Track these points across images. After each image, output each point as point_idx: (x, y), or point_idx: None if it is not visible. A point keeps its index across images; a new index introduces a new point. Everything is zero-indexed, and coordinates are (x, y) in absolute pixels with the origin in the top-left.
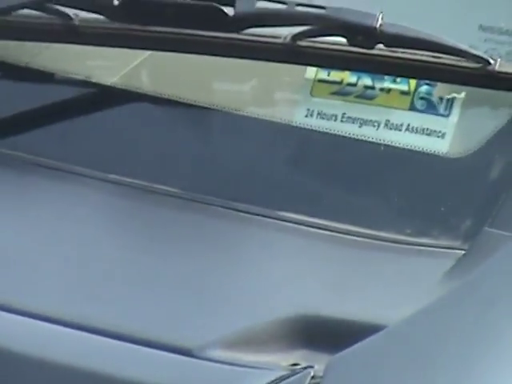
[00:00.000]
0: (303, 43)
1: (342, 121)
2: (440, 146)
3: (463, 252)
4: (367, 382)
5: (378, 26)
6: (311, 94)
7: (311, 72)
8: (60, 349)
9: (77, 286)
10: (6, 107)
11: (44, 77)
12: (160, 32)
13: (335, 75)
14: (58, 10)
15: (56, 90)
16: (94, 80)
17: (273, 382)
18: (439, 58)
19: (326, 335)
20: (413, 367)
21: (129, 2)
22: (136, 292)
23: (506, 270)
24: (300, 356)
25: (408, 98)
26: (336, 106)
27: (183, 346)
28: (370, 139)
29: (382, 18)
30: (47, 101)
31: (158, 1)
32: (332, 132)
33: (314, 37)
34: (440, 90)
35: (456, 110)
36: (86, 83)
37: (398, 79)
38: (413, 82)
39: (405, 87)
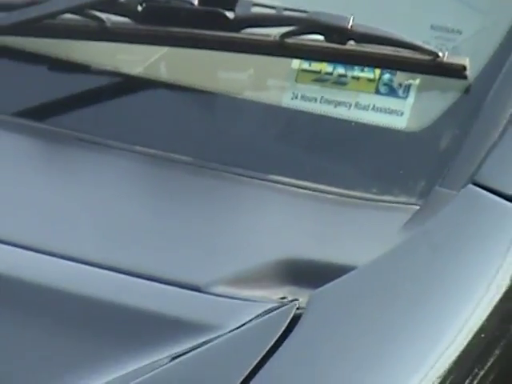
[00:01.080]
0: (289, 40)
1: (320, 102)
2: (399, 123)
3: (418, 207)
4: (343, 310)
5: (349, 26)
6: (296, 81)
7: (296, 63)
8: (77, 283)
9: (96, 229)
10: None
11: (77, 68)
12: (175, 32)
13: (315, 66)
14: (93, 14)
15: (87, 79)
16: (120, 70)
17: (264, 312)
18: (399, 51)
19: (308, 274)
20: (379, 300)
21: (151, 7)
22: (147, 237)
23: (453, 222)
24: (287, 291)
25: (374, 84)
26: (316, 90)
27: (187, 282)
28: (343, 117)
29: (353, 20)
30: (79, 87)
31: (173, 6)
32: (313, 112)
33: (298, 35)
34: (399, 77)
35: (412, 94)
36: (113, 73)
37: (366, 69)
38: (377, 71)
39: (371, 75)
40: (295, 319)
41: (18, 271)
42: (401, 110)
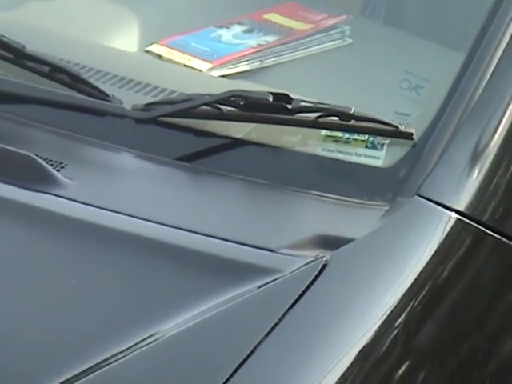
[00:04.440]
0: (320, 120)
1: (336, 152)
2: (378, 163)
3: (387, 208)
4: (358, 267)
5: (352, 112)
6: (323, 141)
7: (323, 132)
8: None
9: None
10: None
11: None
12: (259, 116)
13: (333, 133)
14: (217, 107)
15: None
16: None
17: (304, 265)
18: (377, 126)
19: (325, 241)
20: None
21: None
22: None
23: (397, 221)
24: (314, 251)
25: (365, 143)
26: (333, 146)
27: (249, 243)
28: (349, 160)
29: (354, 109)
30: None
31: (263, 102)
32: (331, 157)
33: (325, 117)
34: (377, 139)
35: (385, 147)
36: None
37: (360, 135)
38: (367, 136)
39: (364, 138)
40: (323, 269)
41: None
42: (378, 156)
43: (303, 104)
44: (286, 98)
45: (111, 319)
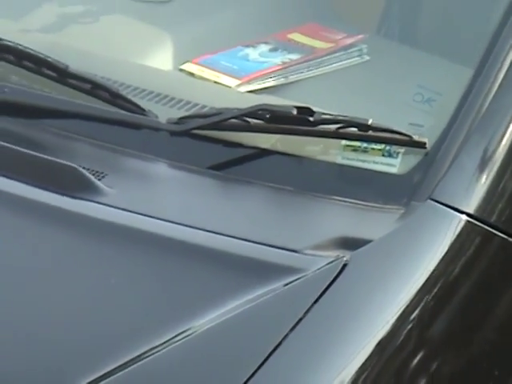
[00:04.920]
0: (340, 130)
1: (355, 160)
2: (394, 170)
3: (403, 211)
4: (376, 266)
5: (369, 123)
6: (343, 150)
7: (343, 141)
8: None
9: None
10: None
11: None
12: (284, 128)
13: (353, 142)
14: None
15: None
16: None
17: (326, 264)
18: (392, 135)
19: (343, 243)
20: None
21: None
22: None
23: (411, 224)
24: (334, 252)
25: (381, 151)
26: (353, 154)
27: (272, 243)
28: (368, 168)
29: (372, 120)
30: None
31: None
32: (351, 165)
33: (342, 128)
34: (393, 148)
35: (400, 156)
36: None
37: (378, 144)
38: (383, 145)
39: (381, 147)
40: (343, 268)
41: None
42: (394, 164)
43: (324, 116)
44: (309, 111)
45: (148, 316)
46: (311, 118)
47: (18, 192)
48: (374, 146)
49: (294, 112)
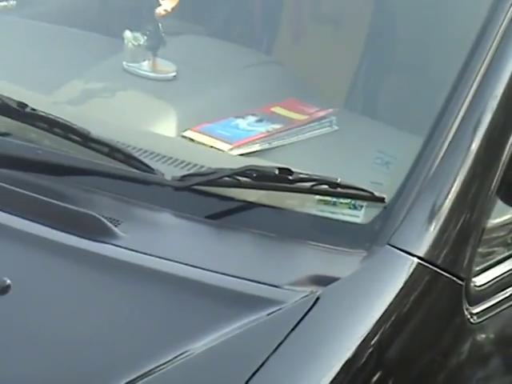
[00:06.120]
0: (315, 188)
1: (327, 212)
2: (358, 220)
3: (365, 254)
4: (343, 300)
5: (338, 181)
6: (317, 203)
7: (317, 196)
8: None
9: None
10: None
11: None
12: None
13: (326, 198)
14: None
15: None
16: None
17: (302, 298)
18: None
19: (313, 279)
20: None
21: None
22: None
23: (369, 266)
24: (306, 286)
25: (348, 205)
26: (324, 207)
27: (248, 277)
28: (335, 218)
29: (340, 179)
30: None
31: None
32: (320, 215)
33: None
34: (358, 202)
35: (363, 208)
36: None
37: (343, 199)
38: (348, 200)
39: (347, 201)
40: (316, 301)
41: None
42: (358, 215)
43: (301, 175)
44: (288, 171)
45: (154, 340)
46: (290, 177)
47: (48, 236)
48: (342, 200)
49: (276, 172)
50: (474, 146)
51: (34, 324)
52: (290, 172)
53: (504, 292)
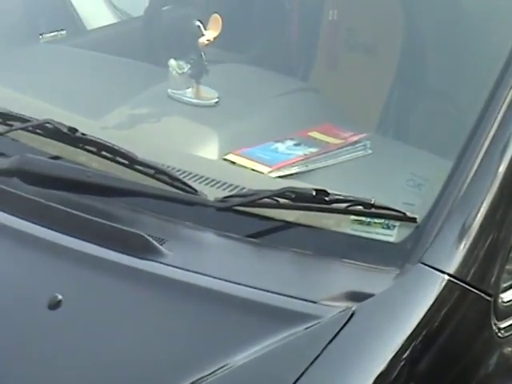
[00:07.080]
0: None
1: (360, 232)
2: (391, 239)
3: (398, 271)
4: (377, 315)
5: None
6: (351, 223)
7: (352, 217)
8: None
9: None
10: None
11: None
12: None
13: (361, 218)
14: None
15: None
16: None
17: (338, 313)
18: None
19: (355, 294)
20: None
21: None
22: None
23: (402, 284)
24: (343, 301)
25: (381, 224)
26: (357, 227)
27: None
28: (370, 237)
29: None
30: None
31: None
32: (352, 233)
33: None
34: (390, 222)
35: (396, 228)
36: None
37: (377, 219)
38: (382, 220)
39: (381, 221)
40: (351, 316)
41: None
42: (391, 234)
43: (337, 197)
44: (325, 193)
45: (199, 352)
46: (326, 198)
47: (97, 254)
48: (375, 220)
49: (313, 193)
50: (502, 169)
51: (83, 338)
52: (327, 193)
53: None
